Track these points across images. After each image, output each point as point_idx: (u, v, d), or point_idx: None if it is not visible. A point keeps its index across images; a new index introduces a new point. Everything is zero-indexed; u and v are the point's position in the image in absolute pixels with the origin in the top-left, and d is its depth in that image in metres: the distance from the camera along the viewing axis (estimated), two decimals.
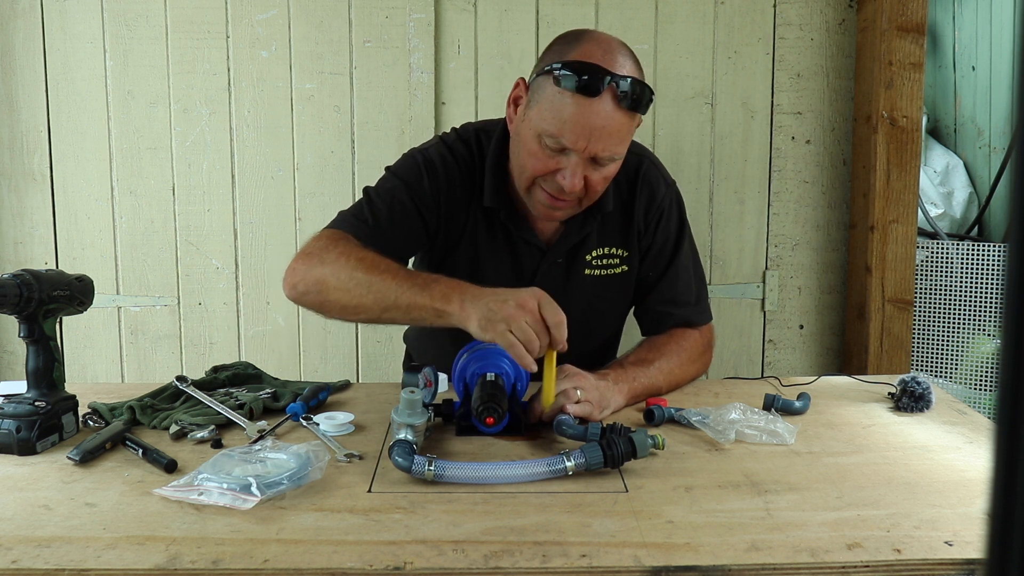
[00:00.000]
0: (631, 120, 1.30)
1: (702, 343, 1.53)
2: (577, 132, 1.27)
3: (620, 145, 1.31)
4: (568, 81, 1.25)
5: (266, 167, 2.24)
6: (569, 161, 1.30)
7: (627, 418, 1.32)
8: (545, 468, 1.06)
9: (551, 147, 1.30)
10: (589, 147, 1.28)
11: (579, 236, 1.47)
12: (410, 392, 1.14)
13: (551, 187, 1.33)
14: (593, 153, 1.29)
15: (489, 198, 1.43)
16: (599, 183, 1.33)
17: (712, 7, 2.25)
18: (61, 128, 2.22)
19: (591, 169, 1.31)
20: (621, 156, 1.33)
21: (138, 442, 1.15)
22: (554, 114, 1.27)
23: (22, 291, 1.17)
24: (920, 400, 1.36)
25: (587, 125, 1.26)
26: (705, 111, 2.29)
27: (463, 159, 1.45)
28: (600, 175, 1.32)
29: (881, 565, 0.87)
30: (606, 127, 1.26)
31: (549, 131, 1.28)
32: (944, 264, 2.37)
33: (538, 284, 1.45)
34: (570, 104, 1.26)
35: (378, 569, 0.85)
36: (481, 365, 1.24)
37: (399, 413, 1.13)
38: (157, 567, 0.85)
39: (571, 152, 1.29)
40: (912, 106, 2.19)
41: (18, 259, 2.25)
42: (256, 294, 2.28)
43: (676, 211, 1.53)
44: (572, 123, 1.26)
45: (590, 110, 1.25)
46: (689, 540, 0.91)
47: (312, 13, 2.20)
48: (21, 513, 0.97)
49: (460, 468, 1.06)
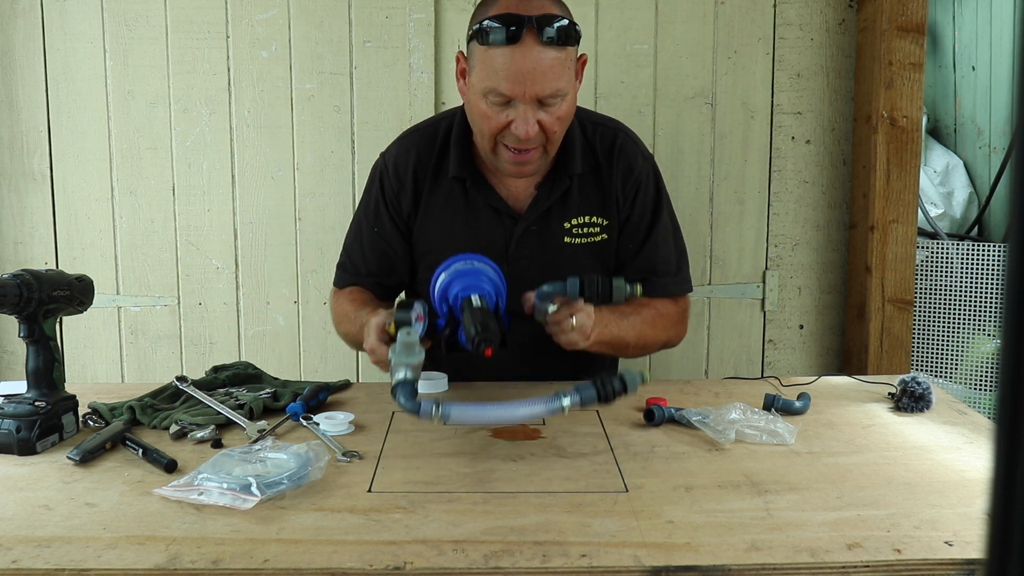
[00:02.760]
0: (562, 54, 1.34)
1: (677, 312, 1.58)
2: (512, 80, 1.32)
3: (558, 81, 1.35)
4: (489, 36, 1.32)
5: (266, 167, 2.24)
6: (517, 111, 1.35)
7: (627, 419, 1.32)
8: (543, 407, 1.09)
9: (497, 103, 1.36)
10: (527, 91, 1.33)
11: (549, 201, 1.50)
12: (406, 333, 1.14)
13: (510, 141, 1.39)
14: (535, 95, 1.34)
15: (455, 169, 1.49)
16: (554, 124, 1.38)
17: (712, 7, 2.25)
18: (61, 128, 2.22)
19: (541, 112, 1.36)
20: (566, 93, 1.37)
21: (138, 442, 1.15)
22: (488, 71, 1.34)
23: (22, 291, 1.17)
24: (920, 400, 1.36)
25: (518, 71, 1.32)
26: (705, 111, 2.29)
27: (425, 140, 1.54)
28: (552, 116, 1.37)
29: (881, 565, 0.87)
30: (536, 68, 1.32)
31: (489, 88, 1.35)
32: (944, 264, 2.37)
33: (515, 252, 1.52)
34: (498, 57, 1.32)
35: (378, 569, 0.85)
36: (464, 287, 1.25)
37: (396, 354, 1.13)
38: (157, 567, 0.85)
39: (516, 102, 1.35)
40: (912, 106, 2.19)
41: (18, 259, 2.25)
42: (256, 294, 2.28)
43: (654, 183, 1.57)
44: (505, 74, 1.32)
45: (517, 56, 1.31)
46: (689, 540, 0.91)
47: (312, 13, 2.20)
48: (21, 513, 0.97)
49: (465, 409, 1.09)
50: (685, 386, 1.50)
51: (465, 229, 1.52)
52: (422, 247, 1.56)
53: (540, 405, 1.09)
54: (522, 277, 1.46)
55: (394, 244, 1.56)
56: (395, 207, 1.55)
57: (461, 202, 1.52)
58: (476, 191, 1.50)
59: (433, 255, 1.54)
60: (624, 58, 2.25)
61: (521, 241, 1.51)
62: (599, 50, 2.24)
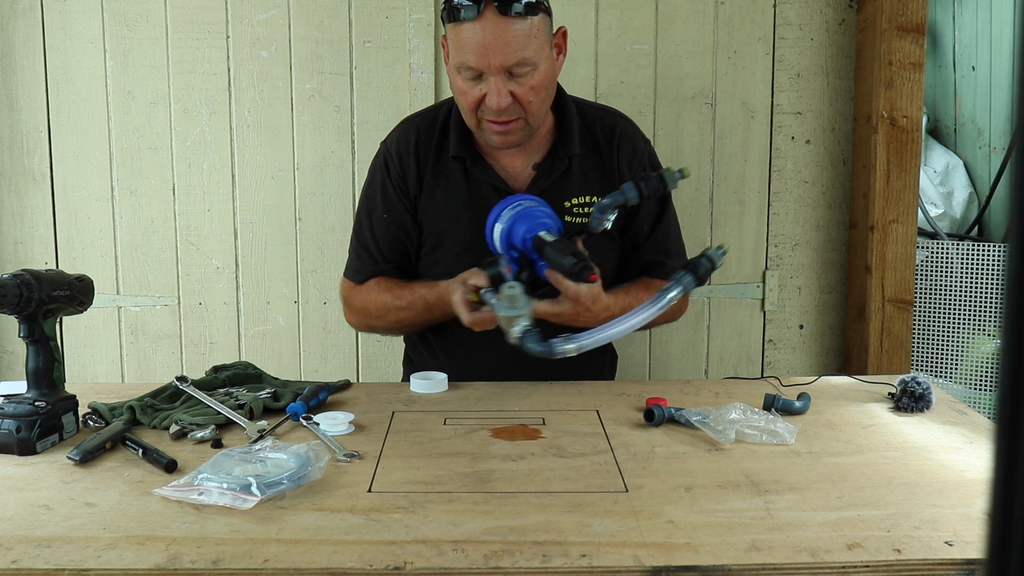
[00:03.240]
0: (525, 24, 1.38)
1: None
2: (477, 54, 1.38)
3: (524, 51, 1.38)
4: (454, 13, 1.38)
5: (266, 167, 2.24)
6: (488, 84, 1.40)
7: (627, 419, 1.32)
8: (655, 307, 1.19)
9: (469, 77, 1.41)
10: (493, 62, 1.38)
11: (548, 180, 1.53)
12: (510, 287, 1.20)
13: (488, 114, 1.43)
14: (500, 66, 1.38)
15: (455, 148, 1.53)
16: (528, 94, 1.42)
17: (712, 7, 2.25)
18: (61, 128, 2.22)
19: (512, 84, 1.40)
20: (535, 62, 1.40)
21: (138, 442, 1.15)
22: (456, 48, 1.41)
23: (22, 291, 1.17)
24: (920, 400, 1.36)
25: (481, 44, 1.37)
26: (705, 111, 2.29)
27: (426, 122, 1.59)
28: (524, 87, 1.41)
29: (881, 565, 0.87)
30: (498, 38, 1.37)
31: (459, 62, 1.41)
32: (944, 264, 2.37)
33: None
34: (463, 32, 1.38)
35: (378, 569, 0.85)
36: (529, 227, 1.30)
37: (507, 309, 1.18)
38: (157, 567, 0.85)
39: (486, 75, 1.40)
40: (912, 106, 2.19)
41: (18, 259, 2.25)
42: (256, 294, 2.28)
43: (659, 166, 1.63)
44: (470, 47, 1.38)
45: (478, 30, 1.37)
46: (689, 540, 0.91)
47: (312, 13, 2.20)
48: (21, 513, 0.97)
49: (592, 335, 1.16)
50: (685, 386, 1.50)
51: (466, 209, 1.54)
52: (426, 229, 1.59)
53: (651, 307, 1.17)
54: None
55: (407, 226, 1.59)
56: (402, 189, 1.58)
57: (462, 182, 1.55)
58: (476, 170, 1.53)
59: (435, 237, 1.58)
60: (624, 58, 2.25)
61: None
62: (599, 50, 2.24)
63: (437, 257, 1.59)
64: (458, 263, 1.53)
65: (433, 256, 1.59)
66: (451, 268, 1.54)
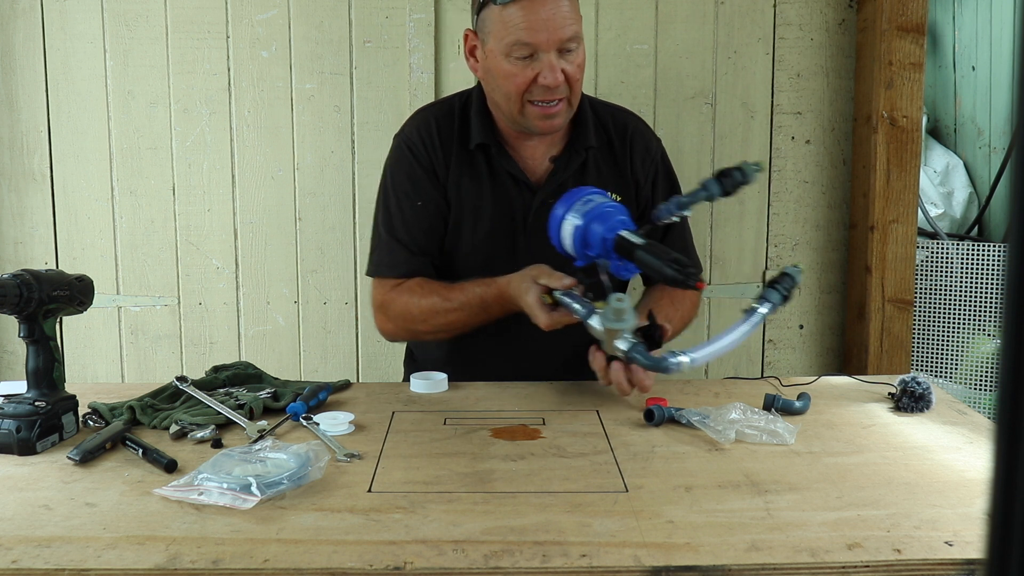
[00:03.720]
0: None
1: (697, 299, 1.67)
2: (537, 30, 1.39)
3: (576, 24, 1.42)
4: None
5: (266, 167, 2.24)
6: (542, 62, 1.41)
7: (627, 419, 1.32)
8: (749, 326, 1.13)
9: (521, 57, 1.41)
10: (550, 38, 1.40)
11: (567, 173, 1.54)
12: (618, 299, 1.13)
13: (539, 94, 1.43)
14: (558, 42, 1.40)
15: (479, 136, 1.52)
16: (576, 72, 1.44)
17: (712, 7, 2.25)
18: (61, 128, 2.22)
19: (563, 61, 1.42)
20: (581, 37, 1.45)
21: (138, 442, 1.15)
22: (508, 28, 1.40)
23: (22, 291, 1.17)
24: (920, 400, 1.36)
25: (540, 20, 1.39)
26: (705, 111, 2.29)
27: (442, 112, 1.58)
28: (573, 64, 1.44)
29: (881, 565, 0.87)
30: (556, 14, 1.39)
31: (513, 42, 1.41)
32: (944, 264, 2.37)
33: (532, 225, 1.54)
34: (517, 13, 1.39)
35: (378, 569, 0.85)
36: (608, 226, 1.22)
37: (610, 321, 1.12)
38: (157, 567, 0.85)
39: (539, 53, 1.41)
40: (912, 106, 2.19)
41: (18, 259, 2.25)
42: (256, 294, 2.28)
43: (669, 166, 1.64)
44: (526, 24, 1.39)
45: (536, 7, 1.39)
46: (689, 540, 0.91)
47: (312, 13, 2.20)
48: (21, 513, 0.97)
49: (702, 349, 1.11)
50: (685, 386, 1.50)
51: (489, 199, 1.54)
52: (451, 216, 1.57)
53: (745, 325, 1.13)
54: (539, 249, 1.50)
55: (441, 210, 1.56)
56: (432, 172, 1.55)
57: (485, 171, 1.55)
58: (500, 159, 1.53)
59: (455, 225, 1.57)
60: (624, 58, 2.25)
61: (539, 213, 1.52)
62: (599, 50, 2.24)
63: (452, 245, 1.58)
64: (476, 253, 1.55)
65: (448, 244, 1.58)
66: (468, 258, 1.56)
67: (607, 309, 1.13)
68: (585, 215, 1.25)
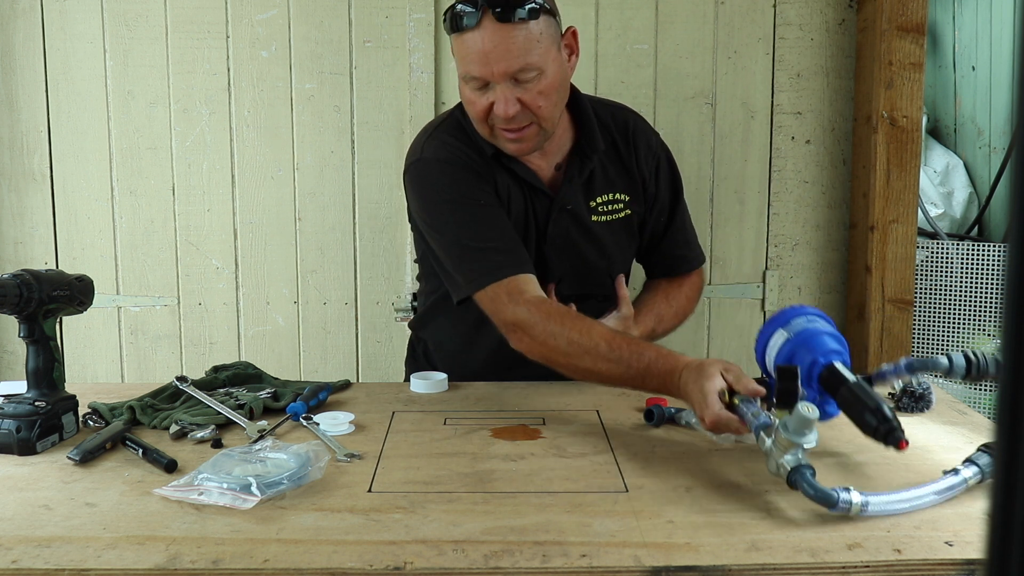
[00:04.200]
0: (526, 28, 1.34)
1: (700, 284, 1.68)
2: (479, 63, 1.35)
3: (527, 56, 1.35)
4: (454, 24, 1.36)
5: (266, 167, 2.24)
6: (495, 92, 1.37)
7: (627, 420, 1.32)
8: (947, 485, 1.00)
9: (476, 87, 1.39)
10: (496, 70, 1.35)
11: (581, 179, 1.52)
12: (808, 409, 0.97)
13: (497, 122, 1.40)
14: (504, 73, 1.35)
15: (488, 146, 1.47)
16: (537, 99, 1.38)
17: (712, 7, 2.25)
18: (61, 128, 2.22)
19: (519, 90, 1.37)
20: (540, 67, 1.36)
21: (138, 442, 1.15)
22: (459, 59, 1.38)
23: (22, 291, 1.17)
24: (920, 400, 1.36)
25: (482, 53, 1.34)
26: (705, 111, 2.29)
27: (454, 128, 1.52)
28: (532, 92, 1.37)
29: (881, 565, 0.87)
30: (499, 46, 1.33)
31: (464, 73, 1.38)
32: (944, 264, 2.37)
33: (551, 233, 1.51)
34: (464, 43, 1.36)
35: (378, 569, 0.85)
36: (815, 355, 1.10)
37: (793, 432, 0.97)
38: (157, 567, 0.85)
39: (492, 84, 1.37)
40: (912, 106, 2.19)
41: (18, 259, 2.25)
42: (256, 294, 2.28)
43: (670, 159, 1.62)
44: (471, 58, 1.36)
45: (477, 39, 1.34)
46: (689, 540, 0.91)
47: (312, 13, 2.20)
48: (21, 513, 0.97)
49: (881, 496, 0.95)
50: None
51: (518, 205, 1.51)
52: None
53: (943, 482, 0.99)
54: (556, 258, 1.51)
55: (503, 207, 1.47)
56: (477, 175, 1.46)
57: (507, 177, 1.49)
58: (515, 166, 1.48)
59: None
60: (624, 58, 2.25)
61: (557, 221, 1.51)
62: (599, 50, 2.24)
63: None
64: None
65: None
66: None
67: (793, 416, 0.98)
68: (788, 342, 1.14)
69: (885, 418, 0.99)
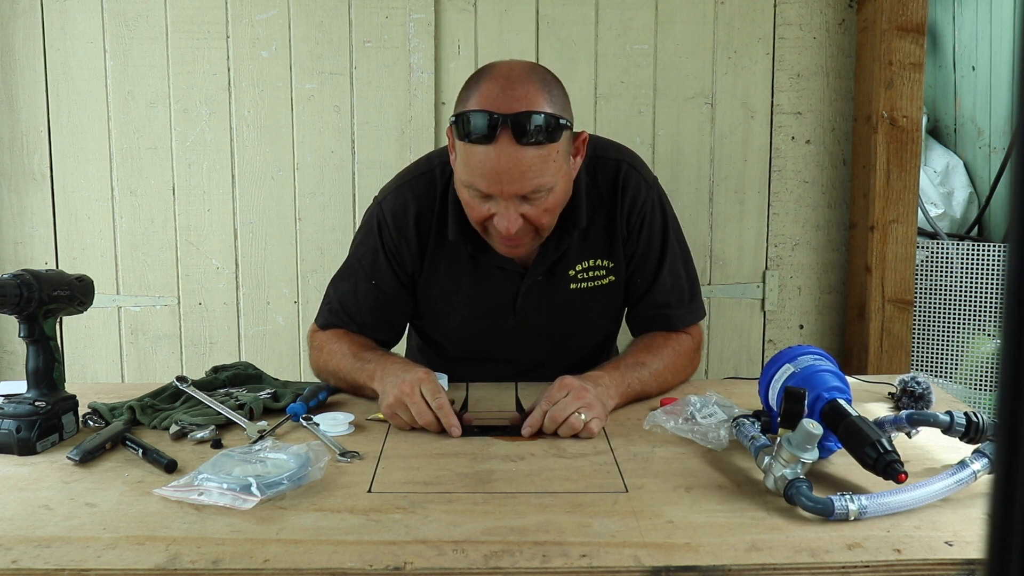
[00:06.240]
0: (543, 151, 1.25)
1: (693, 346, 1.52)
2: (488, 179, 1.26)
3: (540, 178, 1.26)
4: (465, 132, 1.25)
5: (266, 167, 2.24)
6: (498, 206, 1.29)
7: (627, 418, 1.32)
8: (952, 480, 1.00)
9: (477, 196, 1.30)
10: (505, 189, 1.26)
11: (556, 254, 1.44)
12: (813, 425, 1.00)
13: (494, 232, 1.33)
14: (514, 193, 1.26)
15: (453, 232, 1.41)
16: (541, 216, 1.31)
17: (712, 7, 2.25)
18: (61, 128, 2.22)
19: (525, 206, 1.29)
20: (551, 186, 1.28)
21: (138, 442, 1.15)
22: (465, 165, 1.28)
23: (22, 291, 1.16)
24: (920, 400, 1.36)
25: (494, 170, 1.25)
26: (705, 111, 2.29)
27: (424, 190, 1.44)
28: (538, 209, 1.30)
29: (881, 565, 0.87)
30: (514, 167, 1.24)
31: (466, 182, 1.29)
32: (944, 264, 2.37)
33: (521, 306, 1.48)
34: (473, 154, 1.26)
35: (378, 569, 0.85)
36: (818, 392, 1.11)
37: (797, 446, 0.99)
38: (157, 567, 0.85)
39: (496, 197, 1.28)
40: (912, 106, 2.19)
41: (18, 259, 2.25)
42: (256, 294, 2.28)
43: (659, 212, 1.48)
44: (480, 172, 1.26)
45: (492, 156, 1.24)
46: (689, 540, 0.91)
47: (312, 13, 2.20)
48: (21, 513, 0.97)
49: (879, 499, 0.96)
50: (685, 386, 1.50)
51: (472, 285, 1.47)
52: (428, 299, 1.50)
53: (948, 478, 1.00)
54: (529, 327, 1.49)
55: (395, 298, 1.49)
56: (398, 261, 1.46)
57: (466, 259, 1.45)
58: (476, 252, 1.43)
59: (440, 305, 1.51)
60: (624, 58, 2.25)
61: (527, 294, 1.47)
62: (599, 50, 2.24)
63: (436, 323, 1.55)
64: (464, 331, 1.52)
65: (439, 320, 1.54)
66: (455, 334, 1.55)
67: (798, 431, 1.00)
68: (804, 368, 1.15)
69: (885, 451, 1.01)
